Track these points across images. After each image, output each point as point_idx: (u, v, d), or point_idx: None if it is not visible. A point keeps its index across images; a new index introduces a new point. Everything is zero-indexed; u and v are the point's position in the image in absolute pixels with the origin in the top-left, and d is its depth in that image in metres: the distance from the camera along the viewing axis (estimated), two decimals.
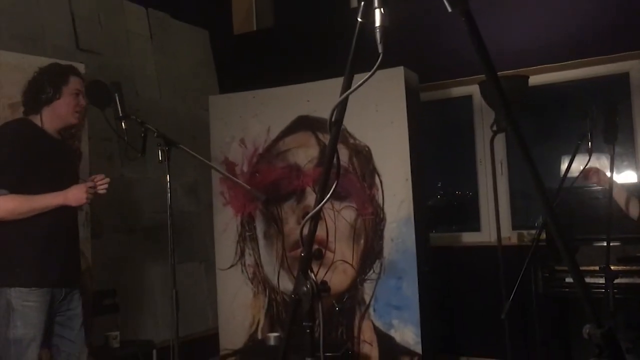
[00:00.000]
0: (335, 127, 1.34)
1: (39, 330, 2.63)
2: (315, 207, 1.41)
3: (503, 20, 4.36)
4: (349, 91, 1.24)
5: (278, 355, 1.64)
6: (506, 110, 1.21)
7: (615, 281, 2.89)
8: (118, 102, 2.78)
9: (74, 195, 2.68)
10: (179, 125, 4.80)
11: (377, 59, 1.19)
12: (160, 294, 4.47)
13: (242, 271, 4.43)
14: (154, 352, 3.84)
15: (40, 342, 2.65)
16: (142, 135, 2.86)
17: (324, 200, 1.40)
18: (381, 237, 4.01)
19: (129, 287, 4.31)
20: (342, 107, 1.32)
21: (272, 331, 4.14)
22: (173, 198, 2.87)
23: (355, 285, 4.06)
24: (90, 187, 2.74)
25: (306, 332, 1.47)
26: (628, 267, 3.14)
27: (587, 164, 2.91)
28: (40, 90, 2.74)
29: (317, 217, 1.48)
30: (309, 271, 1.46)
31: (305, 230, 1.48)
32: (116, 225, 4.32)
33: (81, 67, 3.45)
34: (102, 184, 2.83)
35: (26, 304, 2.60)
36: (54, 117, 2.76)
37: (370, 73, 1.17)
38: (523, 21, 4.37)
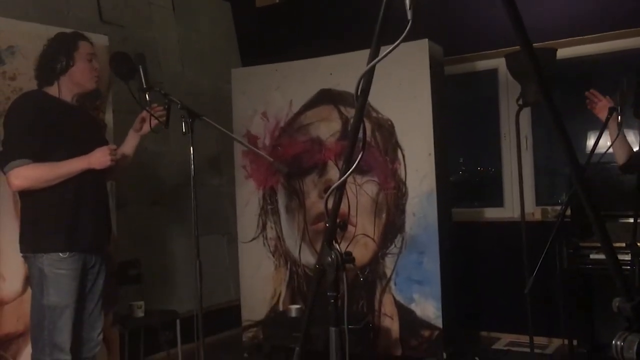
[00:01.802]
0: (362, 96, 1.32)
1: (72, 297, 2.68)
2: (340, 177, 1.40)
3: None
4: (377, 59, 1.22)
5: (301, 324, 1.65)
6: (540, 80, 1.18)
7: None
8: (142, 74, 2.79)
9: (97, 158, 2.69)
10: (201, 98, 4.80)
11: (406, 27, 1.16)
12: (184, 265, 4.53)
13: (264, 244, 4.46)
14: (178, 321, 3.90)
15: (74, 309, 2.70)
16: (166, 107, 2.87)
17: (350, 170, 1.39)
18: (403, 212, 4.00)
19: (153, 258, 4.38)
20: (369, 76, 1.30)
21: (293, 303, 4.19)
22: (196, 171, 2.89)
23: (377, 259, 4.07)
24: (113, 149, 2.75)
25: (330, 303, 1.48)
26: None
27: (615, 139, 2.86)
28: (54, 60, 2.74)
29: (342, 188, 1.47)
30: (334, 242, 1.47)
31: (330, 202, 1.47)
32: (140, 197, 4.37)
33: (104, 40, 3.46)
34: (158, 110, 2.85)
35: (58, 272, 2.64)
36: (72, 84, 2.78)
37: (399, 39, 1.14)
38: None
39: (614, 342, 1.15)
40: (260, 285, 4.46)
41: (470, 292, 4.52)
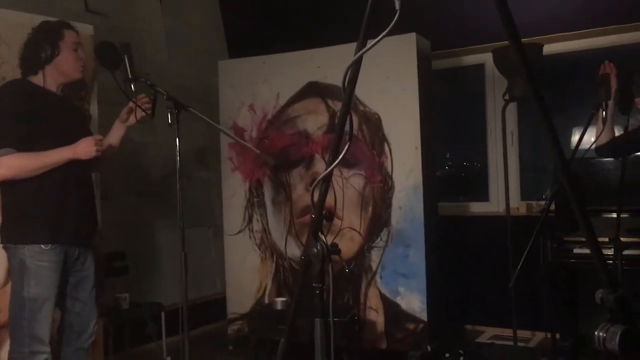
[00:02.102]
0: (349, 88, 1.32)
1: (53, 290, 2.66)
2: (327, 168, 1.40)
3: None
4: (363, 50, 1.21)
5: (287, 315, 1.65)
6: (528, 75, 1.18)
7: (624, 252, 2.89)
8: (128, 64, 2.75)
9: (83, 148, 2.66)
10: (188, 90, 4.77)
11: (394, 17, 1.16)
12: (169, 257, 4.51)
13: (250, 237, 4.45)
14: (163, 314, 3.88)
15: (55, 301, 2.68)
16: (152, 98, 2.85)
17: (336, 161, 1.39)
18: (389, 205, 4.01)
19: (138, 250, 4.35)
20: (356, 67, 1.29)
21: (278, 296, 4.18)
22: (182, 162, 2.87)
23: (363, 253, 4.08)
24: (98, 140, 2.72)
25: (315, 295, 1.48)
26: (637, 239, 3.13)
27: (599, 134, 2.88)
28: (39, 49, 2.70)
29: (328, 180, 1.47)
30: (320, 233, 1.46)
31: (316, 194, 1.47)
32: (126, 189, 4.34)
33: (90, 29, 3.42)
34: (144, 101, 2.83)
35: (40, 264, 2.61)
36: (57, 74, 2.74)
37: (387, 29, 1.14)
38: None
39: (596, 333, 1.16)
40: (246, 278, 4.46)
41: (456, 285, 4.55)
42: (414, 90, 3.91)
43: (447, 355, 3.92)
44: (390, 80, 3.97)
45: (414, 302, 3.91)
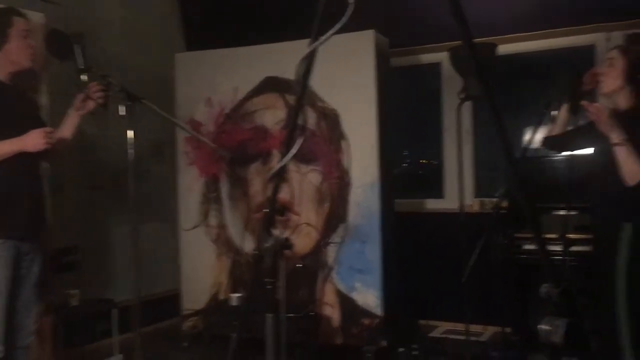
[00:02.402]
0: (302, 80, 1.31)
1: (5, 286, 2.57)
2: (280, 161, 1.39)
3: None
4: (316, 42, 1.21)
5: (239, 311, 1.63)
6: (479, 74, 1.20)
7: (571, 249, 2.98)
8: (79, 54, 2.69)
9: (32, 140, 2.59)
10: (144, 82, 4.65)
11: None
12: (123, 252, 4.41)
13: (206, 232, 4.40)
14: (114, 310, 3.81)
15: (7, 297, 2.59)
16: (104, 89, 2.79)
17: (290, 154, 1.38)
18: (346, 202, 4.02)
19: (91, 246, 4.25)
20: (309, 60, 1.29)
21: (234, 292, 4.15)
22: (136, 156, 2.82)
23: (319, 249, 4.09)
24: (48, 132, 2.64)
25: (267, 290, 1.47)
26: (584, 236, 3.22)
27: (551, 132, 2.96)
28: None
29: (281, 174, 1.46)
30: (272, 228, 1.45)
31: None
32: (78, 183, 4.23)
33: (40, 17, 3.32)
34: (96, 90, 2.74)
35: None
36: (6, 62, 2.66)
37: (341, 21, 1.14)
38: None
39: (541, 326, 1.19)
40: (201, 273, 4.40)
41: (410, 281, 4.60)
42: (371, 87, 3.93)
43: (401, 350, 3.97)
44: (348, 77, 3.98)
45: (369, 297, 3.93)
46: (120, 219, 4.39)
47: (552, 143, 2.94)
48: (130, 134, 2.73)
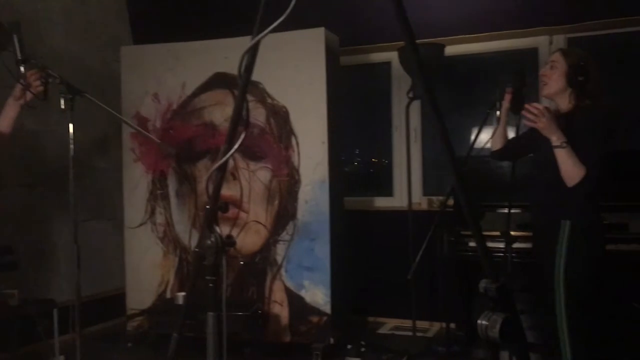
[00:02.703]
0: (245, 75, 1.29)
1: None
2: (222, 157, 1.36)
3: None
4: (259, 35, 1.19)
5: (180, 309, 1.60)
6: (422, 74, 1.21)
7: (514, 245, 3.05)
8: (17, 44, 2.58)
9: None
10: (88, 76, 4.54)
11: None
12: (64, 251, 4.27)
13: (152, 230, 4.31)
14: (55, 311, 3.68)
15: None
16: (43, 81, 2.68)
17: (232, 150, 1.36)
18: (295, 199, 4.01)
19: (31, 245, 4.10)
20: (252, 53, 1.27)
21: (181, 291, 4.08)
22: (80, 152, 2.74)
23: (268, 246, 4.06)
24: None
25: (209, 288, 1.44)
26: (526, 233, 3.30)
27: (494, 134, 3.01)
28: None
29: (224, 169, 1.43)
30: (214, 225, 1.43)
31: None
32: (17, 179, 4.07)
33: None
34: (35, 79, 2.63)
35: None
36: None
37: (281, 17, 1.12)
38: None
39: (479, 321, 1.20)
40: (147, 272, 4.31)
41: (359, 278, 4.63)
42: (321, 85, 3.93)
43: (349, 347, 3.99)
44: (298, 75, 3.97)
45: (318, 295, 3.93)
46: (62, 217, 4.25)
47: (499, 156, 3.00)
48: (70, 128, 2.63)
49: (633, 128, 4.04)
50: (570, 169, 2.46)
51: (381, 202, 4.89)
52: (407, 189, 4.26)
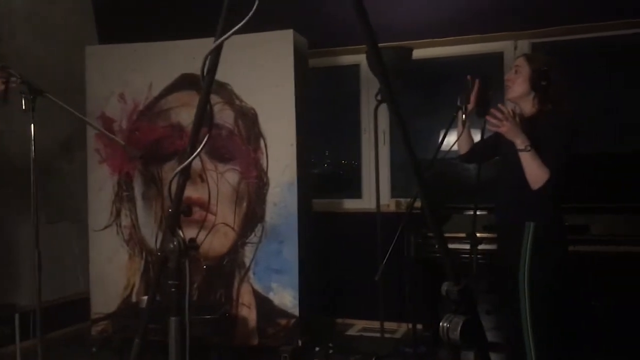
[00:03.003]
0: (208, 77, 1.28)
1: None
2: (186, 160, 1.35)
3: None
4: (222, 38, 1.18)
5: (143, 314, 1.58)
6: (384, 78, 1.21)
7: (480, 247, 3.09)
8: None
9: None
10: (53, 75, 4.44)
11: (254, 7, 1.14)
12: (26, 255, 4.17)
13: (118, 232, 4.25)
14: (16, 316, 3.59)
15: None
16: (4, 81, 2.62)
17: (195, 154, 1.34)
18: (264, 201, 3.99)
19: None
20: (215, 56, 1.26)
21: (147, 294, 4.02)
22: (43, 153, 2.68)
23: (236, 249, 4.03)
24: None
25: (171, 292, 1.42)
26: (492, 235, 3.35)
27: (460, 135, 3.05)
28: None
29: (187, 172, 1.42)
30: (177, 228, 1.41)
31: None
32: None
33: None
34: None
35: None
36: None
37: (244, 20, 1.12)
38: None
39: (441, 323, 1.21)
40: (112, 276, 4.24)
41: (327, 280, 4.64)
42: (290, 87, 3.92)
43: (317, 349, 3.99)
44: (266, 77, 3.95)
45: (286, 297, 3.92)
46: (22, 220, 4.15)
47: (465, 160, 3.05)
48: (32, 129, 2.58)
49: (593, 131, 4.14)
50: (535, 172, 2.51)
51: (350, 204, 4.90)
52: (375, 191, 4.28)
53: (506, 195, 2.75)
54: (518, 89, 2.71)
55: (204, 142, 1.34)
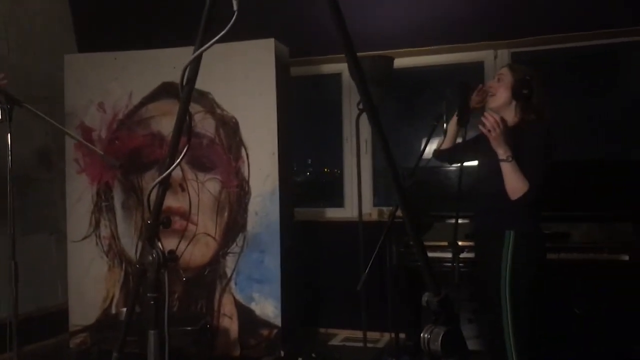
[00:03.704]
0: (187, 86, 1.26)
1: None
2: (165, 170, 1.33)
3: (372, 2, 4.43)
4: (201, 48, 1.17)
5: (122, 326, 1.55)
6: (362, 85, 1.21)
7: (461, 255, 3.09)
8: None
9: None
10: (30, 84, 4.38)
11: (233, 18, 1.13)
12: (2, 266, 4.09)
13: (97, 243, 4.19)
14: None
15: None
16: None
17: (175, 165, 1.33)
18: (245, 211, 3.97)
19: None
20: (194, 66, 1.25)
21: (127, 306, 3.97)
22: (20, 163, 2.64)
23: (217, 259, 4.00)
24: None
25: (150, 305, 1.40)
26: (472, 243, 3.36)
27: (441, 145, 3.07)
28: None
29: (166, 183, 1.40)
30: (156, 239, 1.39)
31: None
32: None
33: None
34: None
35: None
36: None
37: (224, 30, 1.11)
38: (392, 4, 4.47)
39: (422, 334, 1.21)
40: (91, 287, 4.18)
41: (310, 289, 4.61)
42: (271, 96, 3.91)
43: (299, 359, 3.96)
44: (248, 85, 3.94)
45: (268, 307, 3.90)
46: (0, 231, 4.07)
47: (442, 156, 3.06)
48: (8, 138, 2.54)
49: (573, 140, 4.18)
50: (514, 183, 2.53)
51: (332, 213, 4.89)
52: (357, 199, 4.28)
53: (486, 202, 2.76)
54: (500, 98, 2.73)
55: (183, 153, 1.33)
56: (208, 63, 1.21)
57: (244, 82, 3.94)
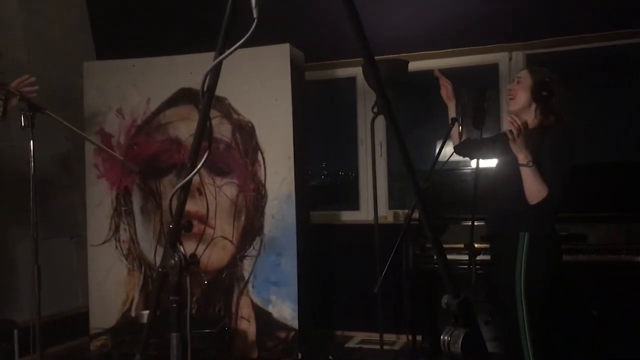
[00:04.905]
0: (208, 93, 1.29)
1: None
2: (186, 176, 1.36)
3: (386, 6, 4.45)
4: (222, 56, 1.20)
5: (145, 329, 1.58)
6: (380, 90, 1.23)
7: (478, 258, 3.09)
8: None
9: None
10: (50, 91, 4.45)
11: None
12: (25, 271, 4.16)
13: (117, 247, 4.25)
14: (15, 332, 3.58)
15: None
16: (3, 98, 2.64)
17: (196, 170, 1.36)
18: (262, 214, 4.00)
19: None
20: (215, 73, 1.27)
21: (146, 309, 4.02)
22: (41, 169, 2.69)
23: (235, 262, 4.04)
24: None
25: (172, 308, 1.43)
26: (489, 245, 3.35)
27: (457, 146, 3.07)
28: None
29: (187, 188, 1.43)
30: (178, 243, 1.42)
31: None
32: None
33: None
34: (28, 83, 2.58)
35: None
36: None
37: (244, 38, 1.13)
38: (406, 7, 4.49)
39: (442, 337, 1.22)
40: (111, 290, 4.23)
41: (326, 292, 4.63)
42: (287, 100, 3.95)
43: None
44: (264, 90, 3.98)
45: (285, 310, 3.92)
46: (23, 235, 4.15)
47: (460, 149, 3.07)
48: (31, 145, 2.59)
49: (590, 142, 4.16)
50: (534, 188, 2.52)
51: (347, 216, 4.91)
52: (373, 202, 4.29)
53: (502, 204, 2.76)
54: (519, 101, 2.72)
55: (204, 159, 1.35)
56: (224, 68, 1.24)
57: (259, 87, 3.98)
